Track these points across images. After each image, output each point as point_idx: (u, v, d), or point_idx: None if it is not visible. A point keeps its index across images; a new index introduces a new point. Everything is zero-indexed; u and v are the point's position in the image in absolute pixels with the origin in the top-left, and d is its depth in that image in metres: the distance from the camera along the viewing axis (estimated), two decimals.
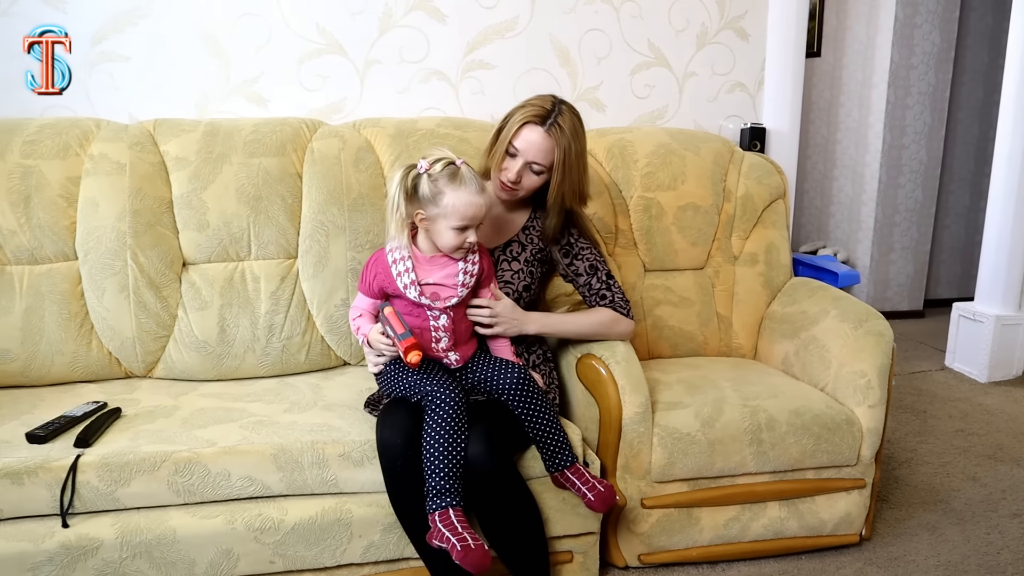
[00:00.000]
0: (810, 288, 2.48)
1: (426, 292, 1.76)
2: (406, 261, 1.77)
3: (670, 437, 1.96)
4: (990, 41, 4.67)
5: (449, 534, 1.60)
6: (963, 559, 2.14)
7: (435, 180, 1.72)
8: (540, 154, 1.92)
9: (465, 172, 1.73)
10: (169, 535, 1.67)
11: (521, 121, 1.92)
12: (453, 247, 1.75)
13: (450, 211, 1.71)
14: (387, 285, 1.79)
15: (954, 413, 3.20)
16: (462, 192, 1.71)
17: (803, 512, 2.10)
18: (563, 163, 1.94)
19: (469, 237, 1.74)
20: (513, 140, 1.93)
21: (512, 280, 2.03)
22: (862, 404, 2.10)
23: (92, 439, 1.73)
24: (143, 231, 2.16)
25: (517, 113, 1.94)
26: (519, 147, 1.92)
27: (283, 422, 1.87)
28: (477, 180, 1.74)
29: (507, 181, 1.95)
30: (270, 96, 2.62)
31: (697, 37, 2.94)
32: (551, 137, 1.91)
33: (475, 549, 1.57)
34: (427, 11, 2.68)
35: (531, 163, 1.93)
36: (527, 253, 2.05)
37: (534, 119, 1.91)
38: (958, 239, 4.98)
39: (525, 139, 1.92)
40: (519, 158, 1.93)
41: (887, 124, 4.46)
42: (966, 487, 2.55)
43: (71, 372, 2.14)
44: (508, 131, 1.94)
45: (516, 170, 1.93)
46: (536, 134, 1.91)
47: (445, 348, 1.80)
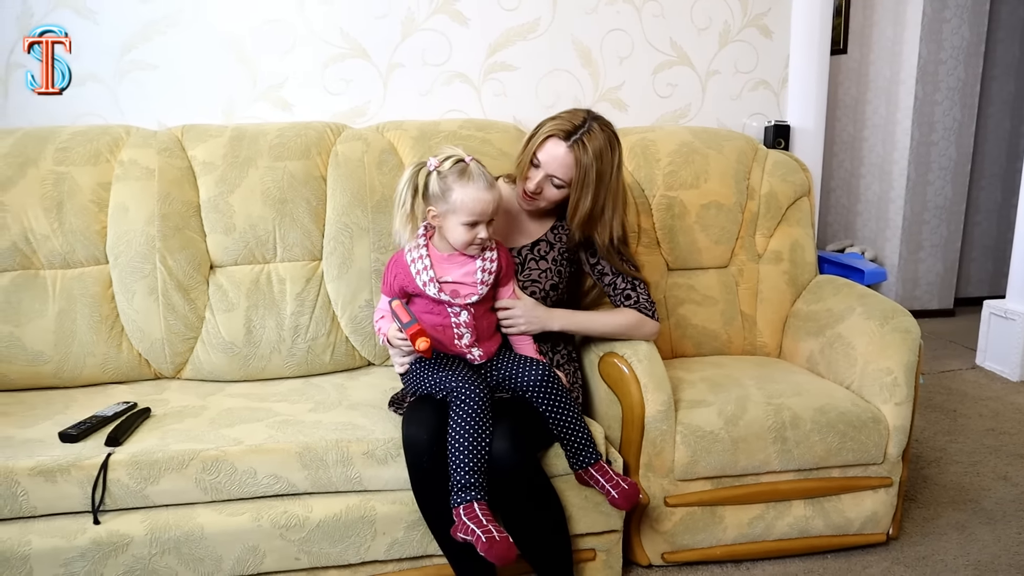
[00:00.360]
0: (835, 286, 2.46)
1: (445, 289, 1.78)
2: (424, 259, 1.79)
3: (693, 435, 1.95)
4: (1023, 34, 4.59)
5: (474, 526, 1.61)
6: (993, 559, 2.11)
7: (444, 177, 1.74)
8: (560, 169, 1.92)
9: (474, 168, 1.75)
10: (197, 532, 1.71)
11: (547, 133, 1.92)
12: (465, 243, 1.77)
13: (459, 207, 1.73)
14: (407, 284, 1.81)
15: (985, 412, 3.15)
16: (470, 188, 1.72)
17: (829, 511, 2.08)
18: (582, 182, 1.92)
19: (480, 233, 1.75)
20: (537, 152, 1.93)
21: (539, 279, 2.03)
22: (888, 402, 2.08)
23: (122, 438, 1.77)
24: (171, 235, 2.20)
25: (547, 124, 1.94)
26: (541, 159, 1.93)
27: (308, 421, 1.90)
28: (486, 176, 1.75)
29: (527, 191, 1.96)
30: (295, 101, 2.65)
31: (720, 35, 2.92)
32: (573, 153, 1.90)
33: (500, 541, 1.58)
34: (449, 14, 2.70)
35: (551, 176, 1.93)
36: (555, 252, 2.06)
37: (559, 133, 1.91)
38: (989, 236, 4.90)
39: (547, 152, 1.92)
40: (541, 170, 1.94)
41: (915, 120, 4.40)
42: (997, 486, 2.51)
43: (102, 373, 2.19)
44: (534, 142, 1.94)
45: (537, 181, 1.94)
46: (559, 148, 1.90)
47: (468, 344, 1.82)
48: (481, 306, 1.83)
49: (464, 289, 1.80)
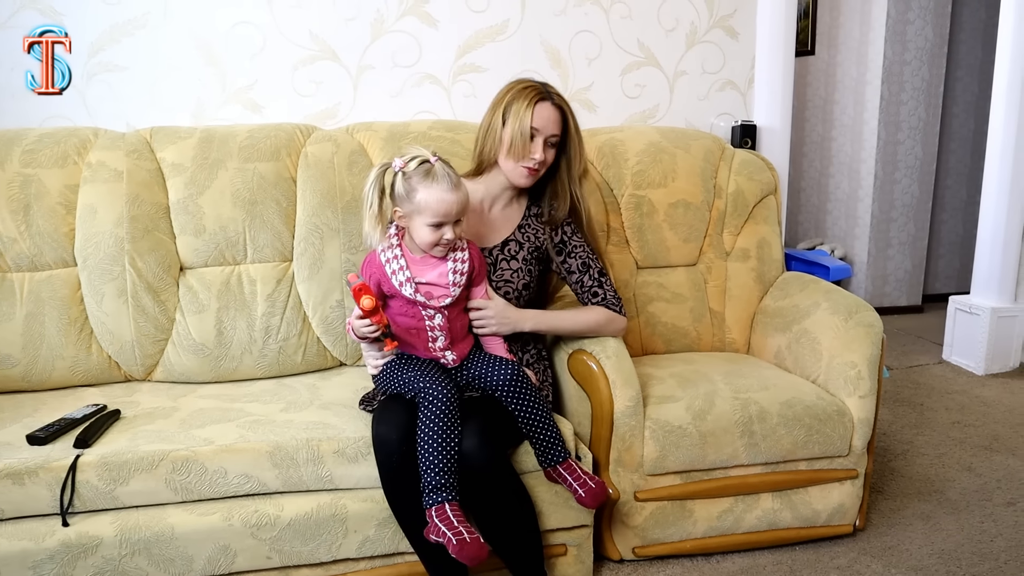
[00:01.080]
0: (802, 282, 2.50)
1: (420, 290, 1.79)
2: (400, 260, 1.79)
3: (662, 430, 1.98)
4: (984, 35, 4.69)
5: (445, 528, 1.62)
6: (957, 547, 2.15)
7: (409, 178, 1.74)
8: (555, 125, 1.98)
9: (439, 169, 1.75)
10: (167, 532, 1.71)
11: (533, 102, 1.95)
12: (430, 244, 1.77)
13: (423, 207, 1.73)
14: (383, 283, 1.81)
15: (951, 405, 3.21)
16: (434, 188, 1.72)
17: (796, 503, 2.12)
18: (576, 128, 2.02)
19: (446, 234, 1.75)
20: (531, 122, 1.95)
21: (512, 279, 2.05)
22: (853, 395, 2.11)
23: (92, 440, 1.76)
24: (141, 237, 2.19)
25: (520, 99, 1.97)
26: (538, 125, 1.96)
27: (279, 421, 1.90)
28: (451, 177, 1.75)
29: (535, 163, 1.97)
30: (265, 103, 2.65)
31: (687, 36, 2.96)
32: (558, 107, 1.99)
33: (471, 543, 1.59)
34: (419, 16, 2.71)
35: (549, 137, 1.98)
36: (524, 251, 2.07)
37: (540, 97, 1.97)
38: (956, 233, 4.99)
39: (542, 116, 1.96)
40: (539, 137, 1.97)
41: (882, 120, 4.48)
42: (961, 477, 2.56)
43: (72, 376, 2.17)
44: (521, 118, 1.95)
45: (541, 147, 1.97)
46: (547, 109, 1.96)
47: (442, 347, 1.83)
48: (454, 308, 1.84)
49: (437, 291, 1.80)
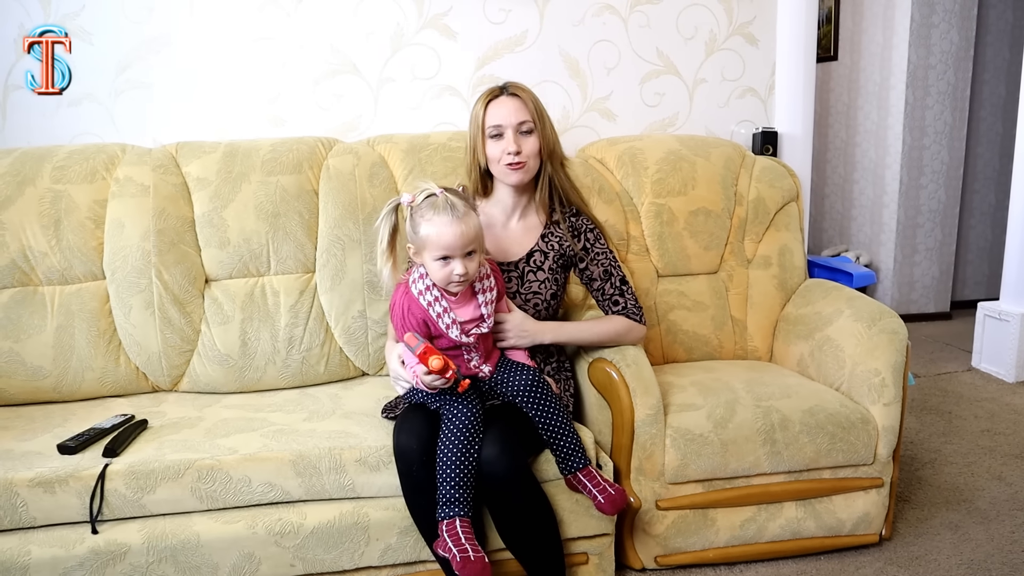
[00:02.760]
0: (824, 289, 2.48)
1: (464, 329, 1.79)
2: (441, 302, 1.76)
3: (683, 438, 1.98)
4: (1011, 37, 4.63)
5: (452, 544, 1.63)
6: (987, 557, 2.12)
7: (415, 211, 1.74)
8: (519, 113, 1.98)
9: (441, 200, 1.72)
10: (193, 540, 1.73)
11: (484, 103, 2.00)
12: (442, 279, 1.74)
13: (427, 241, 1.72)
14: (430, 324, 1.78)
15: (980, 413, 3.16)
16: (435, 221, 1.70)
17: (820, 512, 2.10)
18: (539, 114, 2.00)
19: (456, 268, 1.71)
20: (487, 122, 1.98)
21: (540, 291, 2.06)
22: (877, 402, 2.09)
23: (120, 449, 1.80)
24: (167, 249, 2.24)
25: (475, 106, 2.02)
26: (499, 121, 1.97)
27: (302, 430, 1.93)
28: (456, 207, 1.71)
29: (511, 157, 1.97)
30: (287, 116, 2.69)
31: (706, 44, 2.96)
32: (516, 96, 2.00)
33: (475, 561, 1.60)
34: (438, 28, 2.74)
35: (517, 126, 1.98)
36: (550, 261, 2.08)
37: (490, 95, 2.00)
38: (985, 239, 4.92)
39: (497, 112, 1.98)
40: (507, 131, 1.97)
41: (906, 125, 4.43)
42: (991, 486, 2.53)
43: (100, 387, 2.22)
44: (477, 123, 2.00)
45: (512, 139, 1.97)
46: (502, 102, 1.99)
47: (477, 364, 1.84)
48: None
49: (473, 323, 1.81)
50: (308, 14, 2.66)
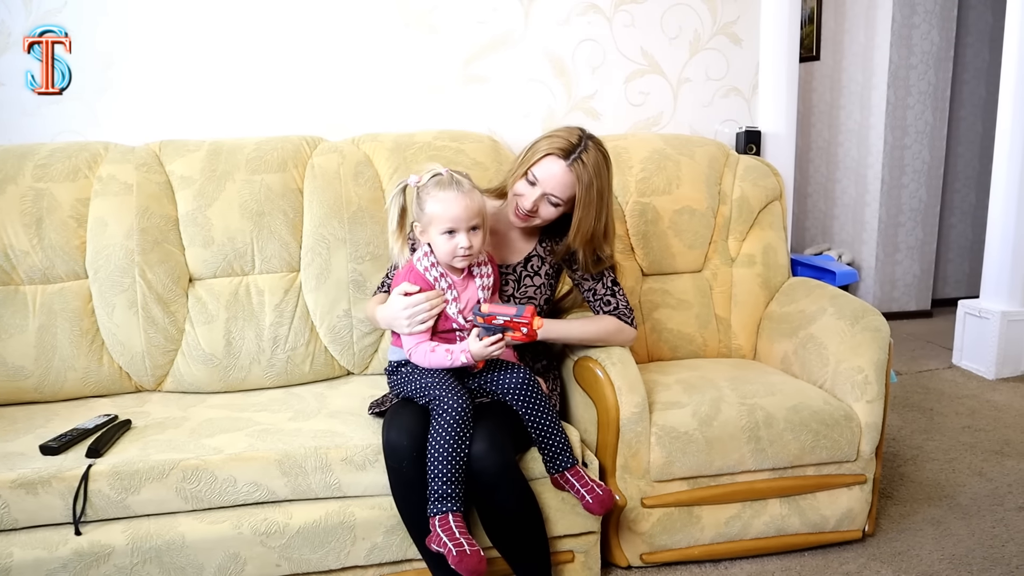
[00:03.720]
0: (808, 287, 2.50)
1: (462, 312, 1.83)
2: (445, 280, 1.83)
3: (668, 436, 1.98)
4: (990, 39, 4.68)
5: (447, 539, 1.64)
6: (968, 552, 2.14)
7: (422, 191, 1.79)
8: (559, 187, 1.90)
9: (447, 177, 1.78)
10: (178, 540, 1.72)
11: (545, 151, 1.90)
12: (448, 253, 1.79)
13: (435, 216, 1.76)
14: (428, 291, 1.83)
15: (961, 410, 3.20)
16: (442, 194, 1.76)
17: (804, 509, 2.11)
18: (584, 200, 1.91)
19: (460, 242, 1.76)
20: (533, 168, 1.91)
21: (535, 296, 2.06)
22: (860, 400, 2.11)
23: (103, 449, 1.79)
24: (150, 248, 2.22)
25: (543, 141, 1.93)
26: (538, 176, 1.90)
27: (288, 429, 1.92)
28: (462, 183, 1.78)
29: (523, 210, 1.94)
30: (273, 115, 2.67)
31: (690, 44, 2.98)
32: (572, 172, 1.89)
33: (471, 555, 1.60)
34: (421, 28, 2.73)
35: (548, 195, 1.92)
36: (546, 266, 2.08)
37: (558, 151, 1.89)
38: (965, 237, 4.98)
39: (546, 170, 1.90)
40: (537, 187, 1.92)
41: (888, 125, 4.48)
42: (972, 482, 2.55)
43: (83, 387, 2.20)
44: (530, 158, 1.93)
45: (533, 199, 1.92)
46: (558, 167, 1.89)
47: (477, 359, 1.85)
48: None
49: (471, 305, 1.84)
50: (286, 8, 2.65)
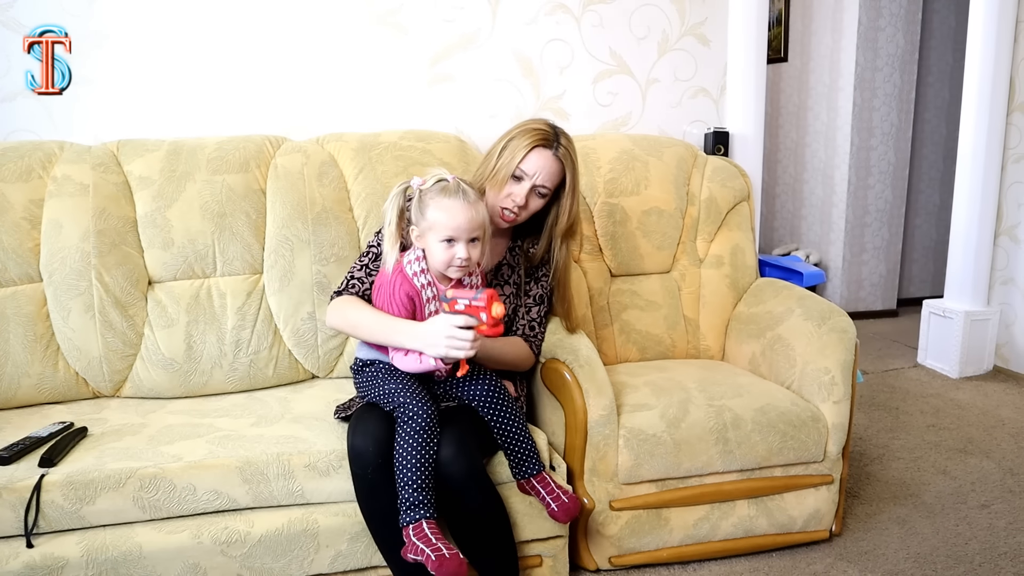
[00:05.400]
0: (775, 288, 2.51)
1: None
2: (432, 288, 1.79)
3: (636, 439, 1.97)
4: (954, 42, 4.74)
5: (423, 546, 1.61)
6: (932, 551, 2.16)
7: (425, 194, 1.75)
8: (549, 177, 1.94)
9: (454, 184, 1.75)
10: (135, 551, 1.68)
11: (530, 145, 1.92)
12: (444, 263, 1.74)
13: (436, 223, 1.72)
14: (417, 304, 1.79)
15: (926, 409, 3.23)
16: (446, 202, 1.72)
17: (772, 510, 2.11)
18: (572, 184, 1.97)
19: (459, 252, 1.73)
20: (521, 164, 1.92)
21: (504, 304, 2.03)
22: (827, 400, 2.12)
23: (57, 458, 1.73)
24: (108, 251, 2.17)
25: (520, 138, 1.94)
26: (528, 170, 1.92)
27: (250, 435, 1.88)
28: (469, 193, 1.75)
29: (513, 206, 1.94)
30: (234, 114, 2.62)
31: (659, 44, 2.97)
32: (559, 159, 1.94)
33: (450, 559, 1.58)
34: (388, 26, 2.70)
35: (539, 187, 1.94)
36: (515, 275, 2.07)
37: (542, 143, 1.92)
38: (929, 238, 5.04)
39: (534, 163, 1.92)
40: (526, 181, 1.93)
41: (855, 126, 4.52)
42: (936, 480, 2.58)
43: (38, 394, 2.14)
44: (513, 156, 1.93)
45: (524, 194, 1.93)
46: (545, 157, 1.92)
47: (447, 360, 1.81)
48: None
49: None
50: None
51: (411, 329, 1.74)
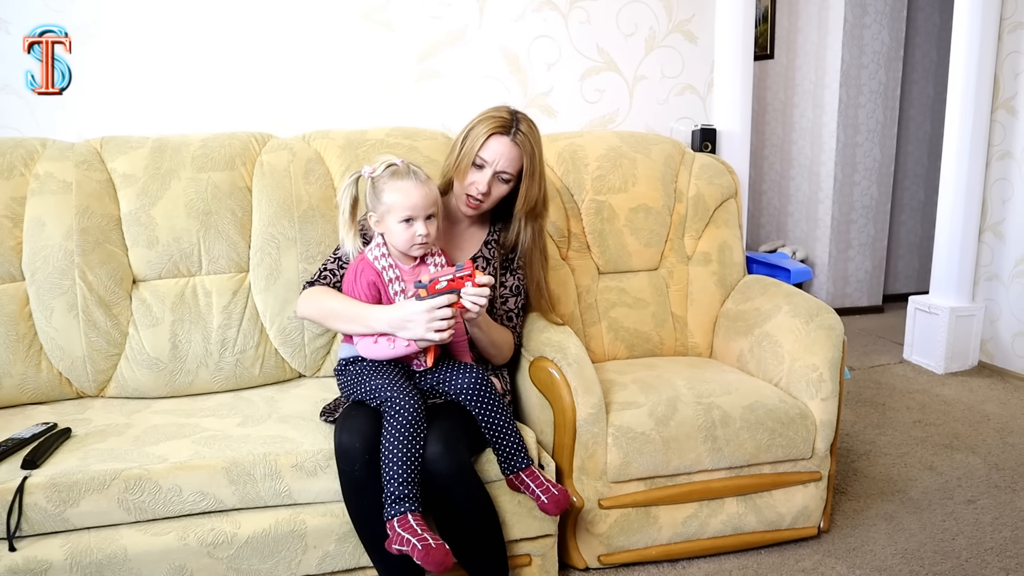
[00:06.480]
0: (763, 285, 2.51)
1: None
2: (395, 269, 1.84)
3: (624, 437, 1.97)
4: (938, 40, 4.77)
5: (408, 536, 1.59)
6: (920, 546, 2.17)
7: (378, 180, 1.80)
8: (509, 163, 1.96)
9: (403, 167, 1.81)
10: (120, 554, 1.66)
11: (487, 133, 1.94)
12: (406, 242, 1.80)
13: (393, 204, 1.78)
14: (381, 289, 1.84)
15: (912, 405, 3.25)
16: (400, 183, 1.78)
17: (761, 507, 2.12)
18: (531, 170, 1.99)
19: (418, 229, 1.79)
20: (480, 152, 1.95)
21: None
22: (815, 397, 2.12)
23: (40, 460, 1.71)
24: (91, 249, 2.14)
25: (479, 126, 1.97)
26: (487, 158, 1.95)
27: (236, 435, 1.86)
28: (418, 173, 1.81)
29: (477, 193, 1.97)
30: (220, 111, 2.60)
31: (646, 41, 2.97)
32: (518, 145, 1.96)
33: (436, 548, 1.57)
34: (375, 22, 2.68)
35: (500, 173, 1.96)
36: (490, 268, 2.06)
37: (499, 130, 1.95)
38: (915, 234, 5.07)
39: (493, 150, 1.95)
40: (487, 169, 1.96)
41: (840, 123, 4.53)
42: (923, 476, 2.59)
43: (20, 395, 2.11)
44: (472, 144, 1.95)
45: (486, 181, 1.96)
46: (503, 144, 1.95)
47: (425, 352, 1.83)
48: None
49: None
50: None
51: (385, 313, 1.78)
